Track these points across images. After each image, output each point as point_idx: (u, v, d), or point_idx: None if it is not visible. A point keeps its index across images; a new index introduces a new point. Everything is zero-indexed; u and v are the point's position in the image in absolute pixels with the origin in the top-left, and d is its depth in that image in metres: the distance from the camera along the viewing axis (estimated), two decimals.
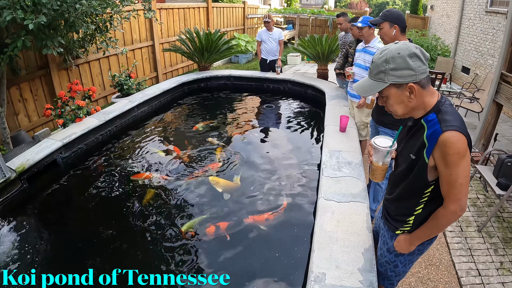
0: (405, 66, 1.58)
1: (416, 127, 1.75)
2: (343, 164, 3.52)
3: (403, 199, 1.93)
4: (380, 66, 1.64)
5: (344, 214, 2.74)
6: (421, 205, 1.84)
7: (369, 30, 4.14)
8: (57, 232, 3.35)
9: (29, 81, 5.90)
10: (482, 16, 9.43)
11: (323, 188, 3.09)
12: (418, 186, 1.79)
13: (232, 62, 12.98)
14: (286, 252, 2.95)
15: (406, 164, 1.80)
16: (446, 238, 3.68)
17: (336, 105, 5.45)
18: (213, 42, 7.74)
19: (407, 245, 1.96)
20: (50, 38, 4.55)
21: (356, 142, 4.10)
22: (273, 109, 6.90)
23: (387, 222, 2.12)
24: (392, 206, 2.06)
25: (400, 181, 1.91)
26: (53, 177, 4.14)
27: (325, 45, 7.43)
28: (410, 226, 1.94)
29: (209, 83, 7.84)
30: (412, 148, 1.75)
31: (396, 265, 2.15)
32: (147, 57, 9.12)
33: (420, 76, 1.59)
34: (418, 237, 1.91)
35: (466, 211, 3.90)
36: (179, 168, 4.34)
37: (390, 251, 2.12)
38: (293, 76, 7.46)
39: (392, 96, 1.68)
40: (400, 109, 1.71)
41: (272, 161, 4.55)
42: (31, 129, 6.01)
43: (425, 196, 1.80)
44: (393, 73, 1.60)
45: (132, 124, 5.72)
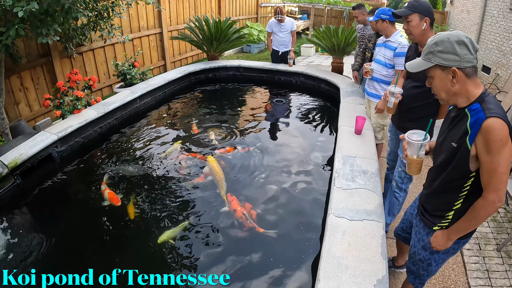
0: (451, 51, 1.68)
1: (459, 117, 1.80)
2: (357, 173, 3.16)
3: (442, 191, 1.94)
4: (430, 47, 1.76)
5: (357, 235, 2.40)
6: (461, 199, 1.86)
7: (382, 24, 3.80)
8: (51, 230, 3.19)
9: (30, 70, 5.71)
10: (506, 14, 8.93)
11: (334, 202, 2.74)
12: (458, 177, 1.81)
13: (244, 51, 12.59)
14: (288, 276, 2.67)
15: (448, 153, 1.83)
16: (463, 257, 3.34)
17: (351, 103, 5.06)
18: (223, 31, 7.40)
19: (444, 240, 1.98)
20: (46, 26, 4.28)
21: (373, 147, 3.73)
22: (283, 104, 6.55)
23: (424, 218, 2.12)
24: (431, 200, 2.07)
25: (439, 172, 1.93)
26: (48, 172, 3.96)
27: (341, 37, 7.01)
28: (449, 221, 1.96)
29: (218, 74, 7.50)
30: (454, 136, 1.79)
31: (430, 263, 2.17)
32: (154, 45, 8.82)
33: (464, 64, 1.68)
34: (457, 231, 1.92)
35: (485, 227, 3.76)
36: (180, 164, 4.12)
37: (426, 248, 2.13)
38: (306, 69, 7.06)
39: (436, 77, 1.78)
40: (443, 92, 1.80)
41: (278, 162, 4.23)
42: (33, 119, 5.84)
43: (464, 189, 1.82)
44: (439, 55, 1.71)
45: (133, 116, 5.45)
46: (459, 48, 1.67)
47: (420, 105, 2.90)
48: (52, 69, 6.06)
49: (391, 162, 3.64)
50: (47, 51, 5.91)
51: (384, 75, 3.91)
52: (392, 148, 3.56)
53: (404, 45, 3.63)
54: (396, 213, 3.42)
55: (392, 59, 3.76)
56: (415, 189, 4.21)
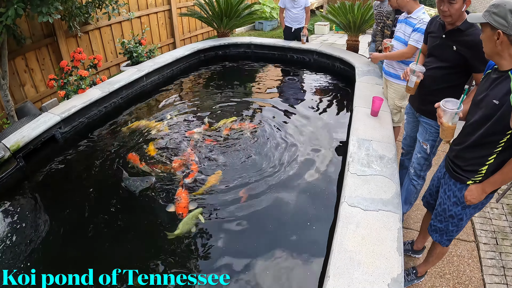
0: (503, 15, 1.76)
1: (502, 78, 1.87)
2: (373, 158, 2.94)
3: (477, 146, 2.02)
4: (489, 7, 1.83)
5: (371, 227, 2.20)
6: (494, 155, 1.96)
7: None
8: (53, 216, 3.12)
9: (35, 50, 5.60)
10: None
11: (348, 189, 2.54)
12: (496, 132, 1.89)
13: (256, 29, 12.23)
14: (294, 272, 2.53)
15: (488, 109, 1.91)
16: (479, 251, 3.16)
17: (367, 83, 4.78)
18: (233, 7, 7.13)
19: (480, 193, 2.07)
20: (47, 4, 4.13)
21: (390, 130, 3.48)
22: (295, 83, 6.28)
23: (455, 175, 2.20)
24: (464, 155, 2.13)
25: (477, 127, 2.00)
26: (52, 154, 3.87)
27: (357, 14, 6.68)
28: (482, 175, 2.05)
29: (228, 51, 7.26)
30: (497, 94, 1.86)
31: (461, 218, 2.27)
32: (163, 22, 8.57)
33: (510, 31, 1.76)
34: (493, 184, 2.01)
35: (503, 220, 3.59)
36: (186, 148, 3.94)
37: (458, 203, 2.23)
38: (319, 47, 6.74)
39: (486, 33, 1.89)
40: (488, 48, 1.91)
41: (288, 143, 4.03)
42: (39, 100, 5.77)
43: (499, 145, 1.92)
44: (493, 16, 1.80)
45: (139, 95, 5.30)
46: (511, 17, 1.74)
47: (444, 88, 2.69)
48: (58, 49, 5.92)
49: (407, 147, 3.42)
50: (51, 31, 5.76)
51: None
52: (408, 132, 3.31)
53: (425, 22, 3.33)
54: (413, 202, 3.23)
55: (410, 34, 3.49)
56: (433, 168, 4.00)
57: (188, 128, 4.32)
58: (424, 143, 2.91)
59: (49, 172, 3.62)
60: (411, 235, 3.24)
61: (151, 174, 3.50)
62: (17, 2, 3.82)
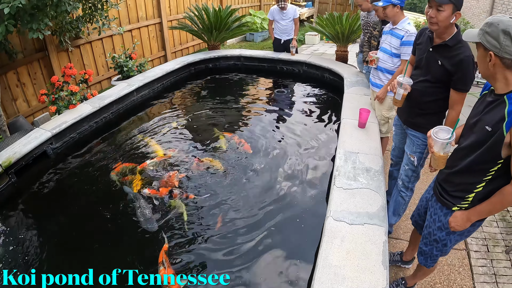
0: (495, 36, 1.69)
1: (497, 102, 1.79)
2: (360, 171, 2.98)
3: (467, 173, 1.96)
4: (483, 25, 1.76)
5: (357, 241, 2.24)
6: (483, 183, 1.89)
7: (393, 9, 3.51)
8: (47, 229, 3.14)
9: (26, 65, 5.60)
10: None
11: (333, 203, 2.57)
12: (486, 160, 1.83)
13: (247, 40, 12.34)
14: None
15: (480, 136, 1.84)
16: (470, 259, 3.17)
17: (355, 94, 4.85)
18: (223, 20, 7.17)
19: (464, 221, 2.01)
20: (37, 21, 4.16)
21: (377, 141, 3.53)
22: (285, 95, 6.33)
23: (442, 199, 2.15)
24: (453, 180, 2.08)
25: (468, 153, 1.94)
26: (44, 169, 3.88)
27: (345, 24, 6.76)
28: (469, 203, 2.00)
29: (218, 64, 7.31)
30: (489, 121, 1.79)
31: (445, 244, 2.23)
32: (154, 35, 8.63)
33: (503, 53, 1.68)
34: (479, 213, 1.96)
35: (494, 227, 3.61)
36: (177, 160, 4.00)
37: (443, 228, 2.18)
38: (309, 58, 6.83)
39: (479, 53, 1.81)
40: (481, 69, 1.84)
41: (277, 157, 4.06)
42: (31, 114, 5.75)
43: (489, 174, 1.85)
44: (486, 35, 1.73)
45: (130, 109, 5.31)
46: (503, 37, 1.66)
47: (432, 101, 2.72)
48: (49, 64, 5.93)
49: (396, 158, 3.45)
50: (43, 46, 5.77)
51: (390, 65, 3.69)
52: (397, 143, 3.35)
53: (412, 33, 3.40)
54: (401, 213, 3.26)
55: (399, 48, 3.53)
56: (422, 186, 4.03)
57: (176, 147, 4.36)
58: (412, 155, 2.95)
59: (40, 187, 3.62)
60: (401, 246, 3.26)
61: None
62: (7, 18, 3.83)
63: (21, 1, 3.68)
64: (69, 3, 4.46)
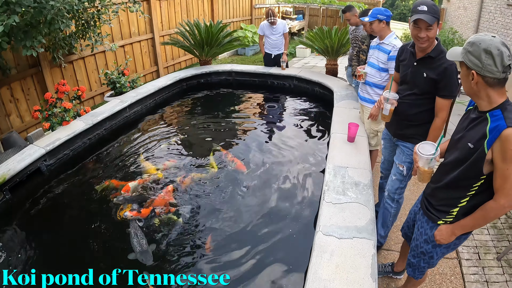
0: (476, 56, 1.71)
1: (480, 119, 1.83)
2: (349, 186, 3.05)
3: (451, 188, 2.00)
4: (466, 44, 1.78)
5: (346, 255, 2.30)
6: (467, 198, 1.93)
7: (379, 25, 3.63)
8: (42, 245, 3.16)
9: (20, 81, 5.64)
10: (504, 10, 8.86)
11: (323, 218, 2.63)
12: (470, 177, 1.87)
13: (239, 54, 12.47)
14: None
15: (463, 152, 1.88)
16: (461, 267, 3.21)
17: (345, 107, 4.95)
18: (214, 35, 7.27)
19: (449, 234, 2.05)
20: (30, 38, 4.22)
21: (366, 155, 3.60)
22: (276, 110, 6.41)
23: (428, 213, 2.19)
24: (438, 195, 2.13)
25: (451, 169, 1.98)
26: (38, 186, 3.90)
27: (334, 38, 6.91)
28: (453, 217, 2.04)
29: (210, 79, 7.38)
30: (472, 138, 1.83)
31: (431, 256, 2.27)
32: (146, 50, 8.71)
33: (484, 72, 1.71)
34: (463, 227, 1.99)
35: (485, 234, 3.65)
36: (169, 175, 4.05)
37: (429, 241, 2.22)
38: (299, 72, 6.95)
39: (462, 71, 1.84)
40: (465, 87, 1.86)
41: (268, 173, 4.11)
42: (24, 130, 5.78)
43: (473, 189, 1.89)
44: (468, 55, 1.75)
45: (123, 126, 5.35)
46: (485, 57, 1.69)
47: (419, 112, 2.81)
48: (42, 79, 5.98)
49: (385, 171, 3.52)
50: (36, 61, 5.82)
51: (378, 80, 3.78)
52: (386, 156, 3.43)
53: (398, 47, 3.44)
54: (390, 225, 3.31)
55: (386, 62, 3.63)
56: (412, 196, 4.12)
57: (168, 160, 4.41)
58: (401, 165, 3.00)
59: (35, 204, 3.64)
60: (392, 257, 3.30)
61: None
62: (1, 36, 3.87)
63: (14, 19, 3.73)
64: (62, 20, 4.52)
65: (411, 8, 2.61)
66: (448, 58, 1.91)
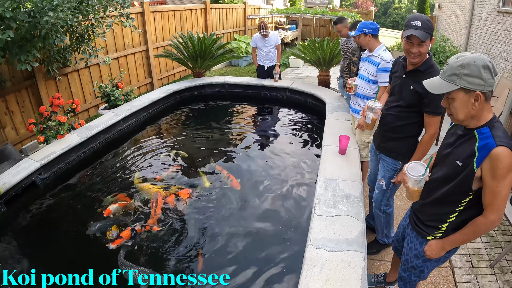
0: (477, 75, 1.68)
1: (467, 137, 1.83)
2: (339, 198, 3.09)
3: (440, 204, 2.01)
4: (455, 69, 1.73)
5: (336, 268, 2.34)
6: (456, 213, 1.95)
7: (365, 38, 3.72)
8: (36, 258, 3.15)
9: (15, 93, 5.66)
10: (494, 17, 8.99)
11: (313, 232, 2.67)
12: (458, 193, 1.88)
13: (233, 65, 12.58)
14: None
15: (451, 169, 1.89)
16: (454, 276, 3.25)
17: (337, 119, 5.02)
18: (207, 48, 7.34)
19: (439, 250, 2.06)
20: (25, 53, 4.27)
21: (357, 167, 3.65)
22: (268, 122, 6.47)
23: (417, 228, 2.21)
24: (426, 210, 2.14)
25: (439, 185, 1.99)
26: (33, 199, 3.92)
27: (326, 50, 7.00)
28: (442, 233, 2.05)
29: (203, 91, 7.44)
30: (460, 155, 1.83)
31: (422, 270, 2.29)
32: (140, 62, 8.77)
33: (487, 88, 1.69)
34: (452, 242, 2.01)
35: (477, 242, 3.68)
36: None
37: (419, 256, 2.23)
38: (291, 84, 7.03)
39: (459, 99, 1.76)
40: (462, 114, 1.79)
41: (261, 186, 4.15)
42: (19, 142, 5.80)
43: (462, 204, 1.90)
44: (465, 78, 1.70)
45: (117, 139, 5.38)
46: (484, 73, 1.67)
47: (404, 125, 2.82)
48: (37, 92, 6.01)
49: (372, 183, 3.56)
50: (31, 74, 5.86)
51: (368, 92, 3.84)
52: (372, 169, 3.48)
53: (387, 60, 3.55)
54: (385, 230, 3.37)
55: (376, 75, 3.69)
56: (405, 206, 4.18)
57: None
58: (381, 179, 3.07)
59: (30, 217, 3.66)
60: (385, 267, 3.33)
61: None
62: None
63: (9, 34, 3.79)
64: (56, 35, 4.59)
65: (403, 16, 2.60)
66: (434, 92, 1.86)
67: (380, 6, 48.51)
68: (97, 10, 5.45)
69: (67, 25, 4.67)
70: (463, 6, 12.01)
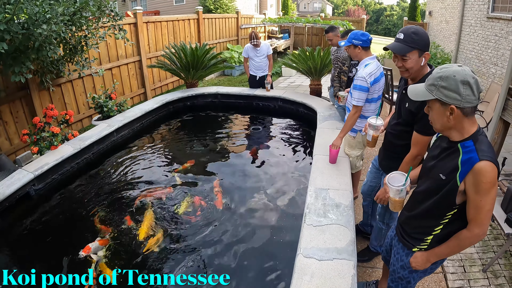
0: (454, 89, 1.66)
1: (451, 150, 1.81)
2: (329, 208, 3.14)
3: (424, 217, 2.01)
4: (434, 80, 1.72)
5: (326, 277, 2.39)
6: (441, 226, 1.94)
7: (354, 50, 3.58)
8: (29, 268, 3.07)
9: (9, 103, 5.69)
10: (484, 23, 9.15)
11: (303, 241, 2.72)
12: (443, 207, 1.87)
13: (225, 74, 12.68)
14: None
15: (435, 183, 1.87)
16: (447, 281, 3.28)
17: (328, 128, 5.08)
18: (199, 58, 7.38)
19: (424, 261, 2.06)
20: (19, 64, 4.31)
21: (347, 176, 3.68)
22: (260, 132, 6.51)
23: (403, 240, 2.21)
24: (411, 223, 2.14)
25: (424, 198, 1.98)
26: (26, 210, 3.95)
27: (317, 59, 7.05)
28: (428, 245, 2.05)
29: (196, 101, 7.49)
30: (444, 169, 1.82)
31: (409, 281, 2.27)
32: (134, 73, 8.82)
33: (464, 104, 1.67)
34: (437, 255, 2.01)
35: (470, 247, 3.67)
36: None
37: (405, 267, 2.23)
38: (283, 93, 7.11)
39: (435, 109, 1.78)
40: (438, 124, 1.81)
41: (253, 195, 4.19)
42: (13, 152, 5.81)
43: (446, 218, 1.89)
44: (442, 90, 1.69)
45: (111, 150, 5.41)
46: (463, 88, 1.65)
47: (404, 145, 2.65)
48: (31, 102, 6.03)
49: (365, 194, 3.53)
50: (25, 85, 5.86)
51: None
52: (368, 180, 3.42)
53: (359, 77, 3.42)
54: (382, 241, 3.33)
55: None
56: None
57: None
58: None
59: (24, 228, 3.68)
60: (377, 274, 3.36)
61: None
62: None
63: (3, 46, 3.83)
64: (50, 47, 4.63)
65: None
66: (412, 98, 1.84)
67: (372, 14, 49.07)
68: (90, 21, 5.51)
69: (60, 37, 4.73)
70: (453, 13, 12.20)
